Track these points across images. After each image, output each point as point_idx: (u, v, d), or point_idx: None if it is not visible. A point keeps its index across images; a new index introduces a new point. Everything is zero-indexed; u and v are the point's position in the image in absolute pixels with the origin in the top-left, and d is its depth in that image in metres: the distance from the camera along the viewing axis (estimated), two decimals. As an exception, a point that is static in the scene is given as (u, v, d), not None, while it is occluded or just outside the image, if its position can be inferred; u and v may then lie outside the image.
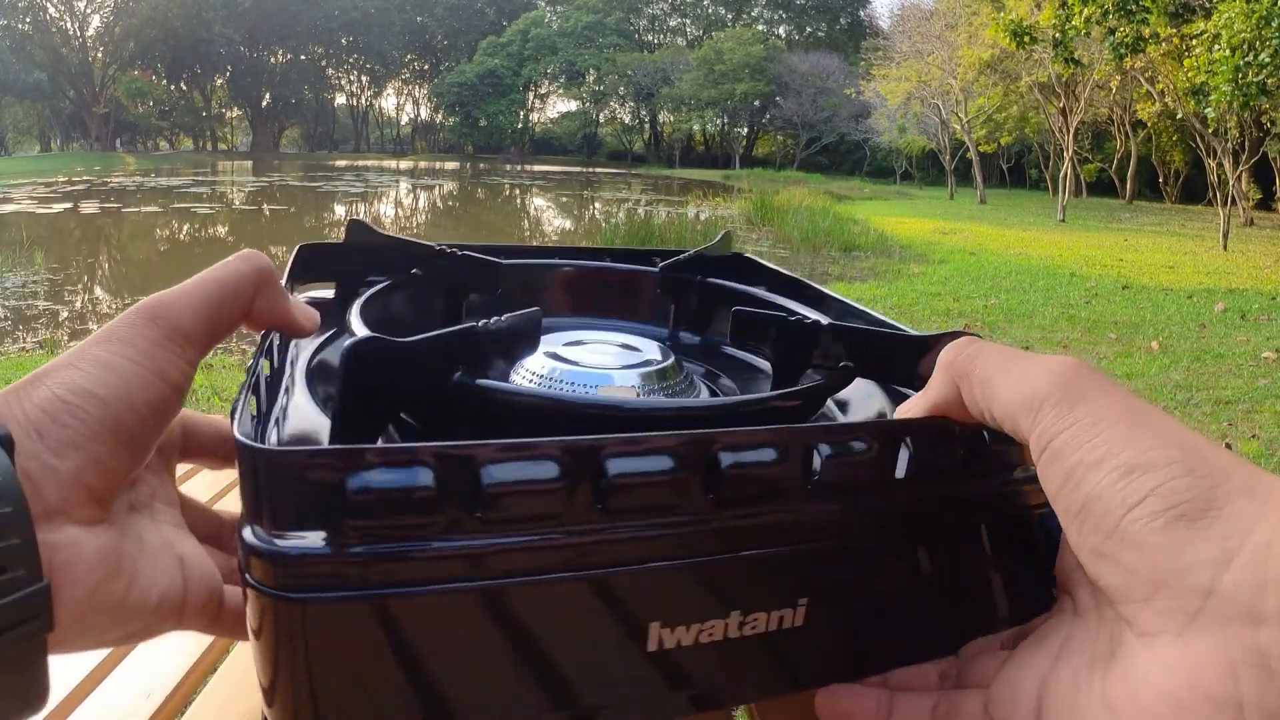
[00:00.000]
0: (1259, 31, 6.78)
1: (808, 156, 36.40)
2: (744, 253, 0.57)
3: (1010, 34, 9.10)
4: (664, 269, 0.52)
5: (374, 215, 13.30)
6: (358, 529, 0.23)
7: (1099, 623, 0.24)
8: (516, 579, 0.25)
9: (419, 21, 50.66)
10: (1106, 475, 0.22)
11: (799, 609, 0.29)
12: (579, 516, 0.25)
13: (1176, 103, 11.18)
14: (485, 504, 0.24)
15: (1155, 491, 0.21)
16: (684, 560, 0.27)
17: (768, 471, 0.27)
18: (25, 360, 3.73)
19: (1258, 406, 3.36)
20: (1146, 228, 13.30)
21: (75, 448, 0.24)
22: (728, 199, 14.47)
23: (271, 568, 0.23)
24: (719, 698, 0.31)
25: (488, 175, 27.53)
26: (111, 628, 0.24)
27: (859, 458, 0.29)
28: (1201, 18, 7.99)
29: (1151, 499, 0.21)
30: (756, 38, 39.67)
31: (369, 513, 0.23)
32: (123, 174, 21.21)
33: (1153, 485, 0.21)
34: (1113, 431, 0.23)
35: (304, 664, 0.24)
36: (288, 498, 0.23)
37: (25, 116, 42.81)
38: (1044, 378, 0.24)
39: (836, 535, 0.29)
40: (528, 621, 0.26)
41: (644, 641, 0.27)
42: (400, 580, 0.23)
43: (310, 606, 0.23)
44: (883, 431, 0.29)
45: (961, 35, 18.68)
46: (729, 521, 0.28)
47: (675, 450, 0.26)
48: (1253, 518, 0.20)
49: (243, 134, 54.04)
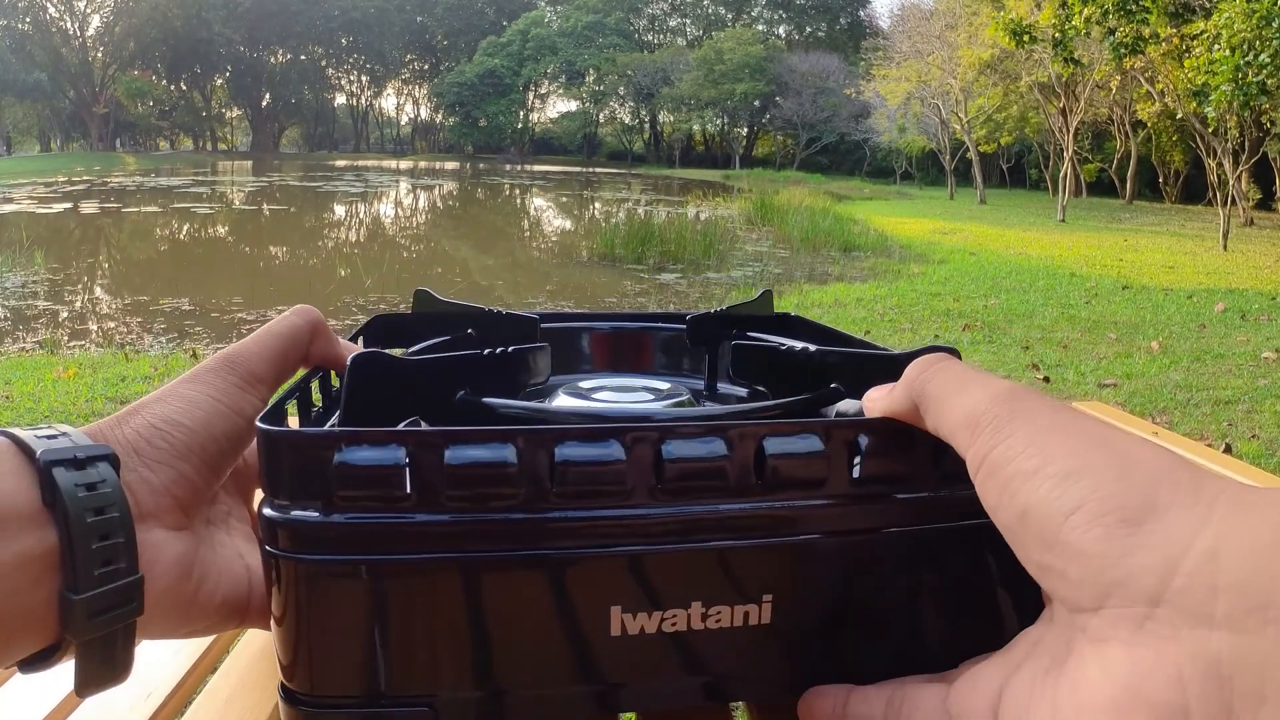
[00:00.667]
0: (1259, 32, 6.78)
1: (808, 156, 36.41)
2: (790, 313, 0.55)
3: (1010, 33, 9.10)
4: (692, 321, 0.51)
5: (373, 215, 13.30)
6: (344, 499, 0.27)
7: (1062, 629, 0.23)
8: (479, 553, 0.28)
9: (419, 21, 50.67)
10: (1042, 484, 0.22)
11: (763, 605, 0.30)
12: (535, 500, 0.28)
13: (1176, 103, 11.19)
14: (453, 483, 0.27)
15: (1092, 496, 0.21)
16: (637, 547, 0.29)
17: (714, 464, 0.29)
18: (25, 360, 3.73)
19: (1258, 407, 3.35)
20: (1146, 228, 13.30)
21: (166, 465, 0.29)
22: (728, 199, 14.47)
23: (275, 533, 0.28)
24: (676, 692, 0.32)
25: (487, 175, 27.53)
26: (180, 621, 0.30)
27: (808, 455, 0.29)
28: (1201, 18, 7.99)
29: (1090, 503, 0.21)
30: (756, 38, 39.69)
31: (351, 485, 0.27)
32: (122, 174, 21.22)
33: (1089, 489, 0.21)
34: (1046, 440, 0.23)
35: (304, 613, 0.28)
36: (287, 472, 0.27)
37: (25, 116, 42.83)
38: (985, 399, 0.25)
39: (789, 531, 0.30)
40: (489, 594, 0.28)
41: (606, 625, 0.29)
42: (378, 547, 0.27)
43: (304, 565, 0.27)
44: (831, 429, 0.30)
45: (961, 35, 18.68)
46: (678, 511, 0.29)
47: (623, 440, 0.28)
48: (1197, 521, 0.20)
49: (242, 134, 54.06)
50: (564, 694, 0.30)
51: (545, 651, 0.29)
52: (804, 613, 0.31)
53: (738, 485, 0.29)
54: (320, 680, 0.29)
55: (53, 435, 0.27)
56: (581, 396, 0.42)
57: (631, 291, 5.98)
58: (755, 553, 0.30)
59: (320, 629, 0.28)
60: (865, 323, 4.62)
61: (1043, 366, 3.40)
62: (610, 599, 0.29)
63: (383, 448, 0.27)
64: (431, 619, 0.28)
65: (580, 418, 0.36)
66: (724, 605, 0.30)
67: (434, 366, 0.35)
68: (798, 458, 0.29)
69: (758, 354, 0.39)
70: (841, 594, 0.31)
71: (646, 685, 0.31)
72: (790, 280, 6.34)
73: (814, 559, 0.31)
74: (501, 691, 0.30)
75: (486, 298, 5.34)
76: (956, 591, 0.33)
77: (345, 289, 5.79)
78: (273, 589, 0.28)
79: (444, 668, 0.29)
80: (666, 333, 0.54)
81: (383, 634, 0.28)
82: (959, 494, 0.31)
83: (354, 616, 0.28)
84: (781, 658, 0.31)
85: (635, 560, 0.29)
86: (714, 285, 6.11)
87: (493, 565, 0.28)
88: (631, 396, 0.43)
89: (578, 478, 0.28)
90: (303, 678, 0.29)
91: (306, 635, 0.28)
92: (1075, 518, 0.21)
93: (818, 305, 5.05)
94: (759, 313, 0.52)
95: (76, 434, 0.28)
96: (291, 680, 0.29)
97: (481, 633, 0.29)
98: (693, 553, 0.29)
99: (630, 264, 7.03)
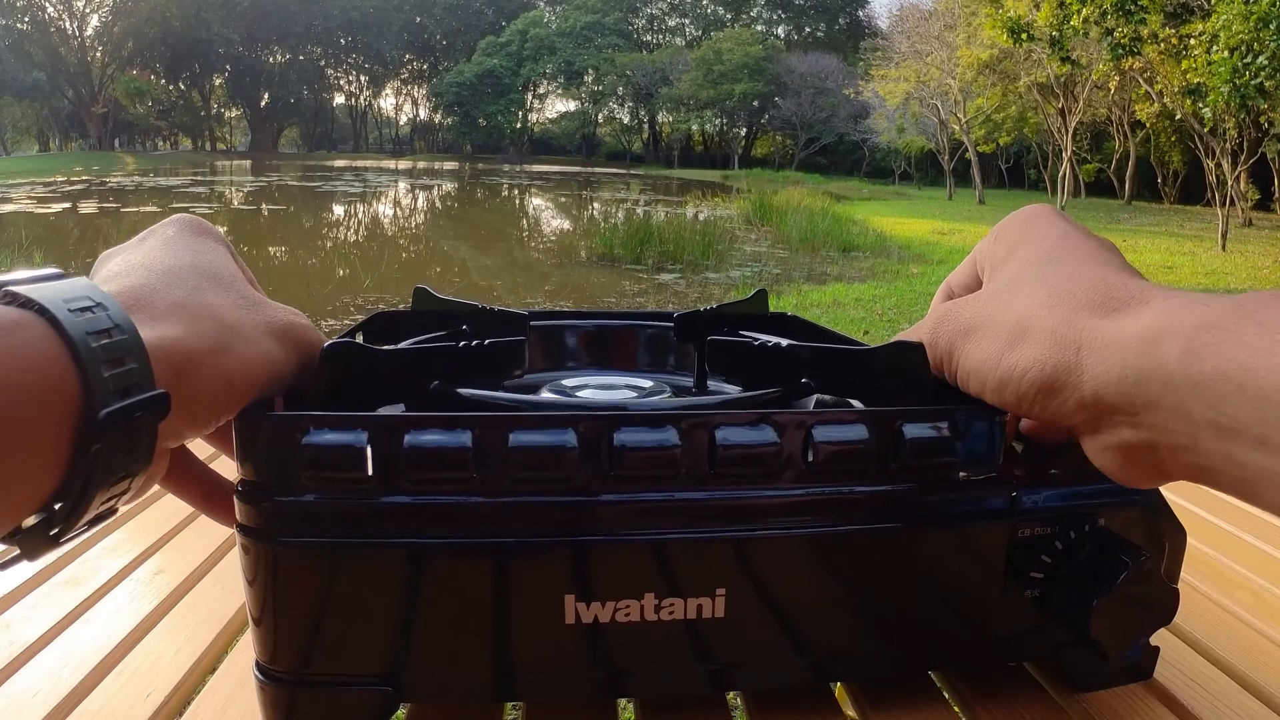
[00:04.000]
0: (1257, 33, 6.78)
1: (806, 157, 36.38)
2: (787, 313, 0.55)
3: (1008, 31, 9.10)
4: (680, 319, 0.51)
5: (372, 215, 13.29)
6: (309, 479, 0.29)
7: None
8: (439, 539, 0.29)
9: (418, 21, 50.60)
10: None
11: (716, 599, 0.31)
12: (490, 485, 0.29)
13: (1175, 103, 11.19)
14: (411, 465, 0.28)
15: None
16: (589, 537, 0.30)
17: (666, 453, 0.29)
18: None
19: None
20: (1145, 228, 13.30)
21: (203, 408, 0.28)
22: (726, 199, 14.46)
23: (248, 514, 0.30)
24: (635, 684, 0.33)
25: (486, 176, 27.49)
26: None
27: (760, 445, 0.30)
28: (1199, 18, 7.99)
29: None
30: (755, 38, 39.65)
31: (316, 466, 0.28)
32: (121, 174, 21.18)
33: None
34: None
35: (273, 592, 0.30)
36: (262, 453, 0.29)
37: (24, 116, 42.76)
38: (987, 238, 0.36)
39: (742, 522, 0.31)
40: (448, 579, 0.30)
41: (560, 613, 0.30)
42: (344, 530, 0.29)
43: (274, 547, 0.29)
44: (786, 418, 0.31)
45: (960, 35, 18.67)
46: (630, 499, 0.30)
47: (577, 428, 0.29)
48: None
49: (241, 134, 53.98)
50: (525, 677, 0.31)
51: (506, 635, 0.30)
52: (760, 604, 0.32)
53: (690, 474, 0.30)
54: (288, 657, 0.30)
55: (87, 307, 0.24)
56: (563, 393, 0.43)
57: (630, 291, 5.98)
58: (708, 544, 0.31)
59: (288, 608, 0.30)
60: (864, 323, 4.62)
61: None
62: (564, 588, 0.30)
63: (346, 431, 0.28)
64: (393, 602, 0.30)
65: (536, 406, 0.37)
66: (676, 598, 0.30)
67: (409, 357, 0.36)
68: (749, 447, 0.30)
69: (732, 349, 0.39)
70: (800, 588, 0.32)
71: (595, 671, 0.32)
72: (789, 280, 6.34)
73: (768, 551, 0.31)
74: (461, 673, 0.31)
75: (485, 297, 5.33)
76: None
77: (344, 289, 5.79)
78: (244, 567, 0.30)
79: (405, 649, 0.30)
80: (655, 331, 0.54)
81: (347, 615, 0.30)
82: (909, 486, 0.32)
83: (321, 597, 0.29)
84: (740, 650, 0.32)
85: (588, 549, 0.30)
86: (713, 285, 6.10)
87: (452, 551, 0.29)
88: (611, 393, 0.44)
89: (531, 463, 0.29)
90: (272, 654, 0.30)
91: (274, 613, 0.30)
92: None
93: (816, 305, 5.05)
94: (753, 312, 0.52)
95: (120, 315, 0.25)
96: (263, 657, 0.31)
97: (442, 616, 0.30)
98: (644, 544, 0.30)
99: (629, 264, 7.02)
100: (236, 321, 0.29)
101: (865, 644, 0.34)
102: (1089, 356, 0.27)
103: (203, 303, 0.29)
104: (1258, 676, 0.40)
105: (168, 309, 0.28)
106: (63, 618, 0.45)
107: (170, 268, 0.30)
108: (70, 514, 0.24)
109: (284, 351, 0.31)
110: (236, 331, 0.29)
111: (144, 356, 0.25)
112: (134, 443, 0.25)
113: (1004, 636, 0.35)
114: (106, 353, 0.23)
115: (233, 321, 0.29)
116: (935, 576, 0.33)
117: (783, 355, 0.37)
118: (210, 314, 0.29)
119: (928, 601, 0.33)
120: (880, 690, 0.37)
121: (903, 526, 0.32)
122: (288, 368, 0.31)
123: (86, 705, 0.37)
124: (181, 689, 0.38)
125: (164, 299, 0.28)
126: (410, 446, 0.28)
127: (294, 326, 0.32)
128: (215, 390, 0.28)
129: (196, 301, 0.29)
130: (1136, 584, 0.32)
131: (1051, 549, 0.33)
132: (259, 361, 0.30)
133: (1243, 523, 0.61)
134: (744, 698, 0.37)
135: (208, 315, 0.29)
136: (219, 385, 0.28)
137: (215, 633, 0.43)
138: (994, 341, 0.30)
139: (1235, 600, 0.49)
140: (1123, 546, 0.32)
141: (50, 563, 0.51)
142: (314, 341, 0.33)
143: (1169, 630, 0.43)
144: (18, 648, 0.41)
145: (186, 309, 0.28)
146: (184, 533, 0.57)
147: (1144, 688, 0.38)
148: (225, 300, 0.30)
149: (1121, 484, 0.28)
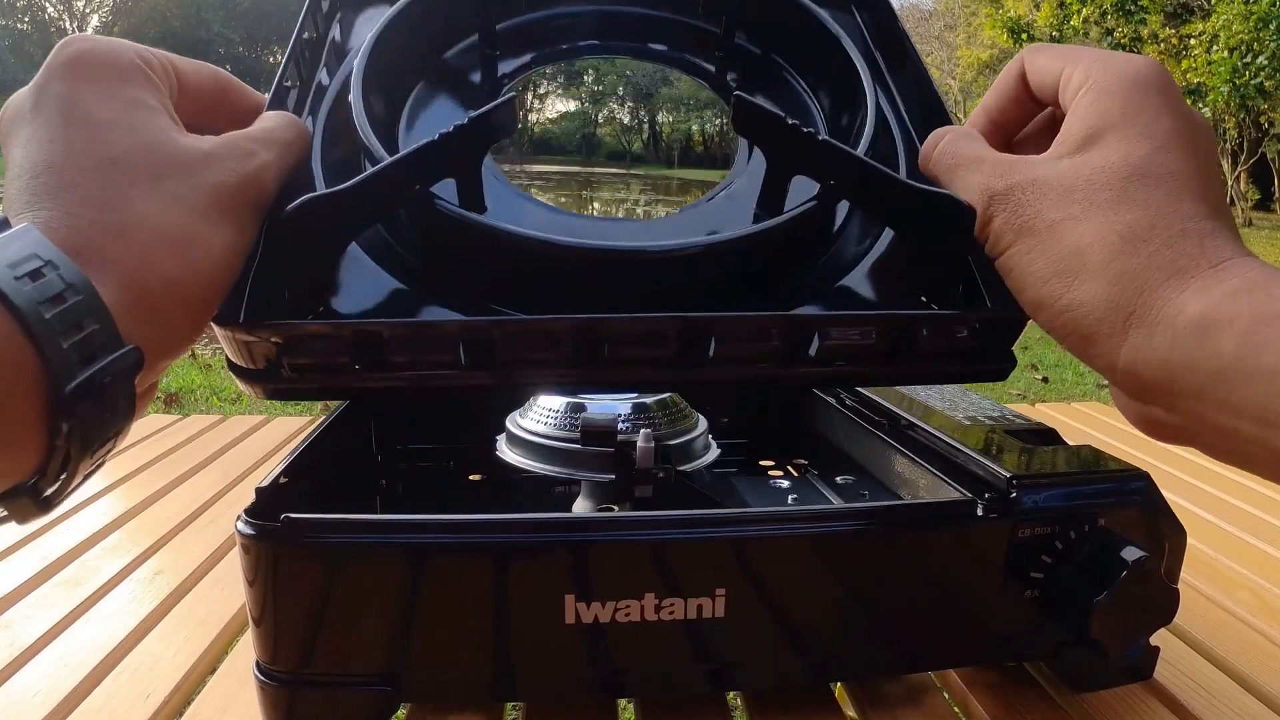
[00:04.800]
0: (1257, 33, 6.78)
1: (806, 157, 36.32)
2: None
3: (1008, 31, 9.10)
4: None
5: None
6: (294, 367, 0.29)
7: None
8: (439, 537, 0.30)
9: (418, 21, 50.52)
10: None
11: (716, 599, 0.31)
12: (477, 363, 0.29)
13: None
14: (395, 349, 0.29)
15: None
16: (590, 537, 0.30)
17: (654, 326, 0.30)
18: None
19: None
20: (1145, 228, 13.28)
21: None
22: (726, 199, 14.42)
23: (251, 514, 0.30)
24: (635, 683, 0.33)
25: (486, 175, 27.36)
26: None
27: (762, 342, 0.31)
28: (1199, 18, 7.99)
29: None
30: (755, 38, 39.60)
31: (302, 354, 0.29)
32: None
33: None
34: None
35: (273, 592, 0.30)
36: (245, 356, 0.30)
37: (23, 116, 42.71)
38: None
39: (739, 525, 0.31)
40: (447, 580, 0.30)
41: (560, 614, 0.30)
42: (344, 526, 0.29)
43: (275, 548, 0.30)
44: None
45: (960, 35, 18.67)
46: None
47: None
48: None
49: (241, 134, 53.93)
50: (525, 677, 0.31)
51: (506, 635, 0.31)
52: (760, 604, 0.32)
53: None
54: (288, 657, 0.30)
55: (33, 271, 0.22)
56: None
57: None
58: (708, 544, 0.31)
59: (288, 608, 0.30)
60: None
61: (1041, 367, 3.40)
62: (564, 587, 0.30)
63: (330, 338, 0.29)
64: (393, 602, 0.30)
65: (537, 243, 0.32)
66: (676, 598, 0.30)
67: (387, 174, 0.31)
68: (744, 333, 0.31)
69: (763, 120, 0.34)
70: (800, 588, 0.32)
71: (602, 671, 0.32)
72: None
73: (768, 552, 0.31)
74: (461, 673, 0.31)
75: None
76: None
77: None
78: (244, 567, 0.30)
79: (405, 649, 0.30)
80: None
81: (347, 615, 0.30)
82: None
83: (320, 597, 0.29)
84: (740, 650, 0.32)
85: (588, 549, 0.30)
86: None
87: (452, 550, 0.30)
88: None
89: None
90: (272, 654, 0.30)
91: (274, 613, 0.30)
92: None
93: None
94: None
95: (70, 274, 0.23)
96: (263, 657, 0.31)
97: (442, 617, 0.30)
98: (644, 544, 0.30)
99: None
100: (183, 227, 0.26)
101: (865, 644, 0.34)
102: (1136, 329, 0.26)
103: (142, 217, 0.26)
104: (1258, 676, 0.41)
105: (113, 240, 0.25)
106: (63, 618, 0.45)
107: (91, 167, 0.26)
108: (56, 484, 0.23)
109: (239, 227, 0.29)
110: (189, 243, 0.26)
111: (105, 313, 0.23)
112: (110, 405, 0.23)
113: (1004, 636, 0.35)
114: (62, 320, 0.22)
115: (179, 231, 0.26)
116: (935, 576, 0.33)
117: (817, 149, 0.33)
118: (155, 231, 0.26)
119: (928, 601, 0.33)
120: (880, 690, 0.37)
121: (903, 526, 0.32)
122: (249, 237, 0.29)
123: (86, 705, 0.37)
124: (181, 689, 0.38)
125: (105, 228, 0.25)
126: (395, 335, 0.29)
127: (244, 182, 0.29)
128: (183, 315, 0.26)
129: (135, 221, 0.25)
130: (1136, 584, 0.32)
131: (1051, 549, 0.33)
132: (220, 261, 0.28)
133: (1243, 523, 0.61)
134: (744, 697, 0.37)
135: (153, 234, 0.26)
136: (186, 309, 0.26)
137: (215, 633, 0.43)
138: (1047, 259, 0.28)
139: (1235, 600, 0.49)
140: (1123, 546, 0.32)
141: (50, 563, 0.51)
142: (267, 179, 0.30)
143: (1169, 630, 0.43)
144: (18, 648, 0.41)
145: (130, 236, 0.25)
146: (184, 533, 0.57)
147: (1144, 688, 0.38)
148: (160, 202, 0.26)
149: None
